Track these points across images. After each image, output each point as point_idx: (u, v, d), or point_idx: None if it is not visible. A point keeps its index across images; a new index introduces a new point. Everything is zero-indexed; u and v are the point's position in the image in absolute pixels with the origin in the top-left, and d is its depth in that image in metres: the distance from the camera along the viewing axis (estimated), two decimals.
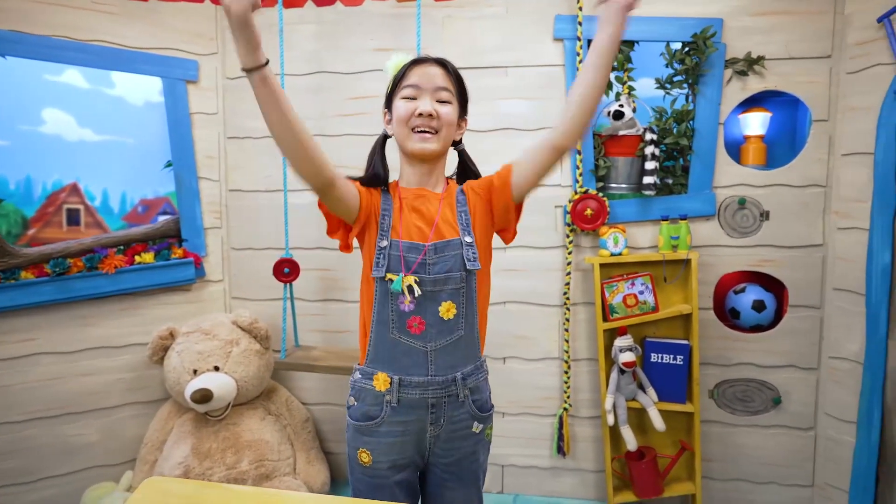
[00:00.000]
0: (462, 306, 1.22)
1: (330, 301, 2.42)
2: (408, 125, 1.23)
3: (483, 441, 1.31)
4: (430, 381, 1.21)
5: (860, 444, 2.11)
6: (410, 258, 1.20)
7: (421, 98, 1.22)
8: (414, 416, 1.22)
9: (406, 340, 1.21)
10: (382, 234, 1.23)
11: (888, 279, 2.01)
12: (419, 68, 1.23)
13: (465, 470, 1.29)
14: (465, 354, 1.24)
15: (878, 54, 1.98)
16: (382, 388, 1.22)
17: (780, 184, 2.17)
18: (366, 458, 1.24)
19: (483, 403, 1.29)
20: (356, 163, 2.28)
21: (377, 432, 1.23)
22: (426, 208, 1.25)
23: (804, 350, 2.21)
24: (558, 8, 2.19)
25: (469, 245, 1.22)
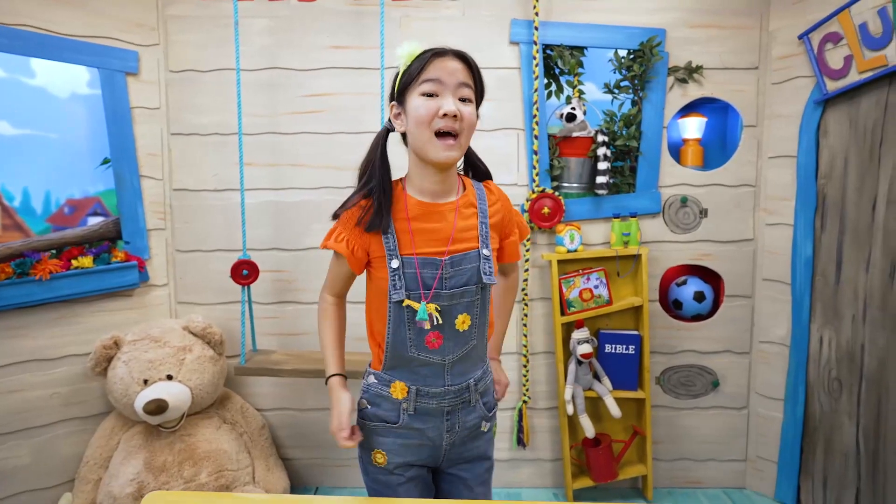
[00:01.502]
0: (476, 317, 1.21)
1: (285, 303, 2.36)
2: (430, 127, 1.11)
3: (489, 436, 1.33)
4: (447, 390, 1.21)
5: (787, 419, 2.34)
6: (427, 276, 1.15)
7: (443, 95, 1.11)
8: (430, 424, 1.22)
9: (424, 356, 1.19)
10: (391, 255, 1.15)
11: (810, 269, 2.23)
12: (439, 61, 1.10)
13: (480, 468, 1.31)
14: (475, 361, 1.25)
15: (799, 67, 2.20)
16: (400, 396, 1.21)
17: (716, 183, 2.35)
18: (381, 458, 1.23)
19: (491, 404, 1.31)
20: (312, 161, 2.27)
21: (394, 433, 1.22)
22: (441, 221, 1.17)
23: (738, 336, 2.41)
24: (514, 12, 2.25)
25: (486, 258, 1.18)
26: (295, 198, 2.31)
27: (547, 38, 2.24)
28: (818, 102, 2.15)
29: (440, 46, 1.15)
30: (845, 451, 2.17)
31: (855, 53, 2.01)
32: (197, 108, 2.28)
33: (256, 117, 2.24)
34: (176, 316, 2.36)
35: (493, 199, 1.24)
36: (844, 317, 2.14)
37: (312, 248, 2.32)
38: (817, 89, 2.14)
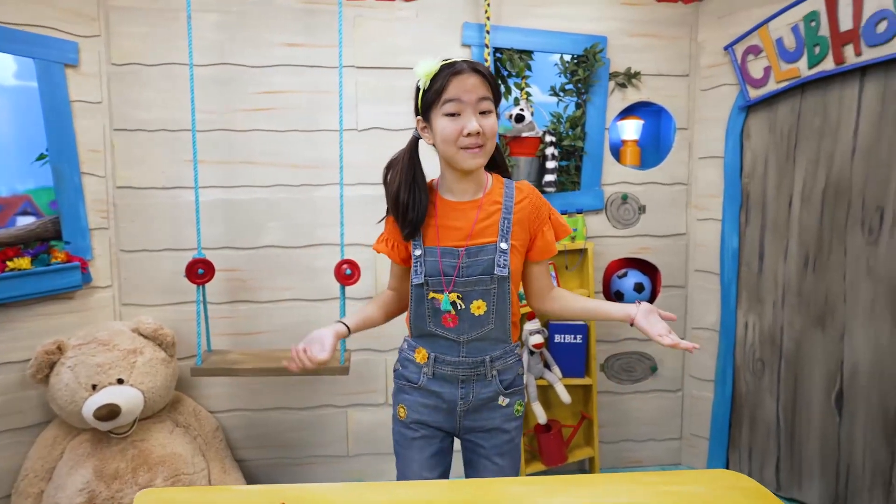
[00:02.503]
0: (493, 304, 1.30)
1: (238, 303, 2.32)
2: (456, 144, 1.23)
3: (512, 416, 1.38)
4: (461, 361, 1.33)
5: (717, 399, 2.54)
6: (448, 264, 1.28)
7: (464, 113, 1.21)
8: (446, 389, 1.35)
9: (441, 332, 1.33)
10: (416, 245, 1.32)
11: (736, 260, 2.44)
12: (458, 80, 1.20)
13: (499, 440, 1.37)
14: (494, 342, 1.34)
15: (725, 76, 2.40)
16: (422, 361, 1.37)
17: (653, 182, 2.53)
18: (402, 412, 1.40)
19: (511, 382, 1.38)
20: (266, 158, 2.26)
21: (415, 392, 1.38)
22: (464, 218, 1.30)
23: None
24: (466, 16, 2.33)
25: (503, 252, 1.27)
26: (248, 196, 2.28)
27: (497, 42, 2.33)
28: (742, 108, 2.36)
29: (454, 61, 1.23)
30: (767, 425, 2.39)
31: (773, 65, 2.23)
32: (142, 103, 2.20)
33: (207, 114, 2.19)
34: (121, 318, 2.27)
35: (520, 196, 1.34)
36: (766, 303, 2.36)
37: (268, 247, 2.30)
38: (741, 96, 2.35)
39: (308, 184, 2.31)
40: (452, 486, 1.08)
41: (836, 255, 2.14)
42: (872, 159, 2.03)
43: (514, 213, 1.31)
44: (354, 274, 2.04)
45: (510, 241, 1.29)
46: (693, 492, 1.04)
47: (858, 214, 2.07)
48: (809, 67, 2.12)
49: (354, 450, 2.43)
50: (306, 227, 2.32)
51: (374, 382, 2.41)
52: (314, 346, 1.30)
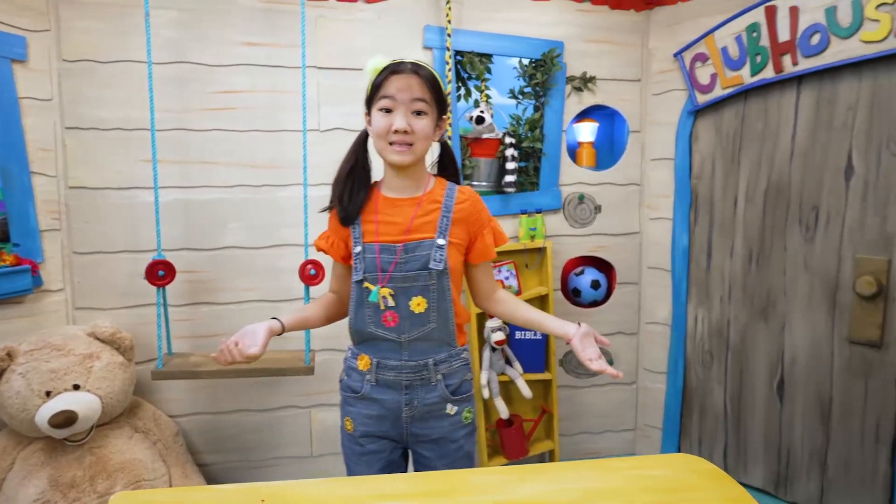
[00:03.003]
0: (433, 301, 1.30)
1: (199, 305, 2.29)
2: (385, 139, 1.27)
3: (461, 423, 1.38)
4: (404, 364, 1.32)
5: (669, 390, 2.66)
6: (385, 260, 1.29)
7: (396, 111, 1.25)
8: (389, 396, 1.34)
9: (382, 333, 1.33)
10: (356, 242, 1.33)
11: (686, 258, 2.57)
12: (396, 78, 1.25)
13: (446, 450, 1.37)
14: (437, 343, 1.34)
15: (675, 82, 2.52)
16: (364, 367, 1.36)
17: (608, 182, 2.62)
18: (349, 425, 1.39)
19: (457, 387, 1.37)
20: (225, 159, 2.24)
21: (359, 404, 1.36)
22: (402, 214, 1.32)
23: (628, 318, 2.71)
24: (427, 19, 2.36)
25: (440, 247, 1.29)
26: (207, 196, 2.25)
27: (458, 45, 2.37)
28: (690, 112, 2.48)
29: (400, 61, 1.28)
30: (716, 413, 2.52)
31: (719, 72, 2.35)
32: (95, 101, 2.14)
33: (165, 112, 2.15)
34: (74, 323, 2.20)
35: (462, 198, 1.36)
36: (714, 297, 2.49)
37: (228, 248, 2.28)
38: (690, 101, 2.47)
39: (270, 184, 2.29)
40: (427, 478, 1.12)
41: (776, 251, 2.28)
42: (808, 162, 2.18)
43: (454, 212, 1.33)
44: (319, 274, 2.05)
45: (448, 238, 1.30)
46: (656, 475, 1.11)
47: (796, 213, 2.21)
48: (752, 75, 2.25)
49: (318, 450, 2.43)
50: (269, 228, 2.30)
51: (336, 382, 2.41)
52: (245, 339, 1.28)
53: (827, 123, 2.12)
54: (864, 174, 2.04)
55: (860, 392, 2.09)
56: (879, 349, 2.03)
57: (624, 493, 1.04)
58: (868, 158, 2.03)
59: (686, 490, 1.06)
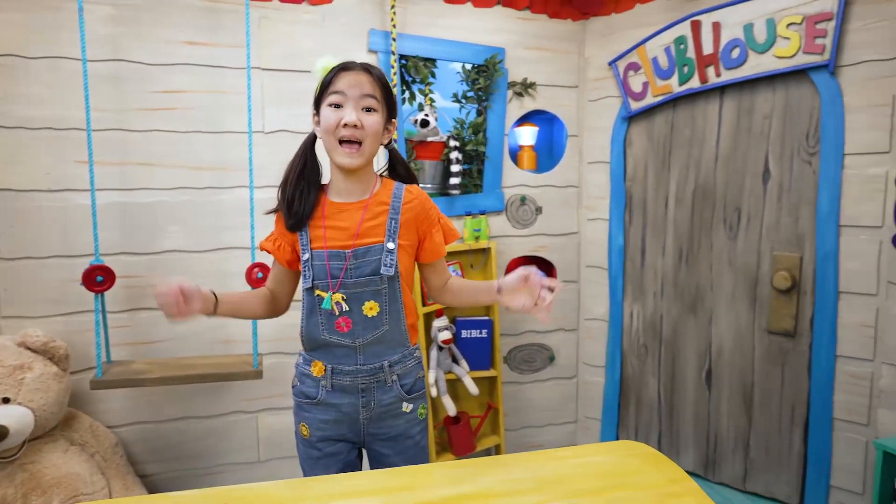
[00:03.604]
0: (385, 304, 1.32)
1: (138, 311, 2.21)
2: (334, 135, 1.26)
3: (416, 419, 1.41)
4: (359, 368, 1.32)
5: (607, 383, 2.79)
6: (335, 266, 1.28)
7: (346, 106, 1.25)
8: (346, 400, 1.34)
9: (336, 339, 1.32)
10: (304, 249, 1.32)
11: (622, 256, 2.70)
12: (346, 75, 1.25)
13: (403, 446, 1.39)
14: (391, 345, 1.35)
15: (610, 89, 2.65)
16: (318, 374, 1.35)
17: (548, 185, 2.72)
18: (305, 431, 1.38)
19: (411, 386, 1.39)
20: (166, 160, 2.19)
21: (315, 409, 1.36)
22: (349, 219, 1.31)
23: (568, 315, 2.82)
24: (372, 22, 2.38)
25: (390, 251, 1.29)
26: (146, 199, 2.19)
27: (402, 49, 2.41)
28: (624, 118, 2.62)
29: (350, 61, 1.30)
30: (650, 403, 2.67)
31: (650, 81, 2.49)
32: (22, 98, 2.04)
33: (100, 112, 2.07)
34: (1, 332, 2.09)
35: (409, 197, 1.36)
36: (648, 293, 2.63)
37: (169, 252, 2.22)
38: (623, 108, 2.60)
39: (213, 186, 2.25)
40: (388, 475, 1.15)
41: (703, 249, 2.44)
42: (731, 166, 2.34)
43: (402, 213, 1.33)
44: (266, 277, 2.03)
45: (397, 241, 1.30)
46: (601, 461, 1.19)
47: (721, 214, 2.38)
48: (680, 84, 2.40)
49: (266, 455, 2.40)
50: (212, 231, 2.26)
51: (285, 385, 2.38)
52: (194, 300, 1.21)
53: (746, 131, 2.29)
54: (779, 178, 2.22)
55: (777, 378, 2.27)
56: (793, 338, 2.22)
57: (573, 479, 1.11)
58: (782, 163, 2.21)
59: (630, 474, 1.14)
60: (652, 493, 1.06)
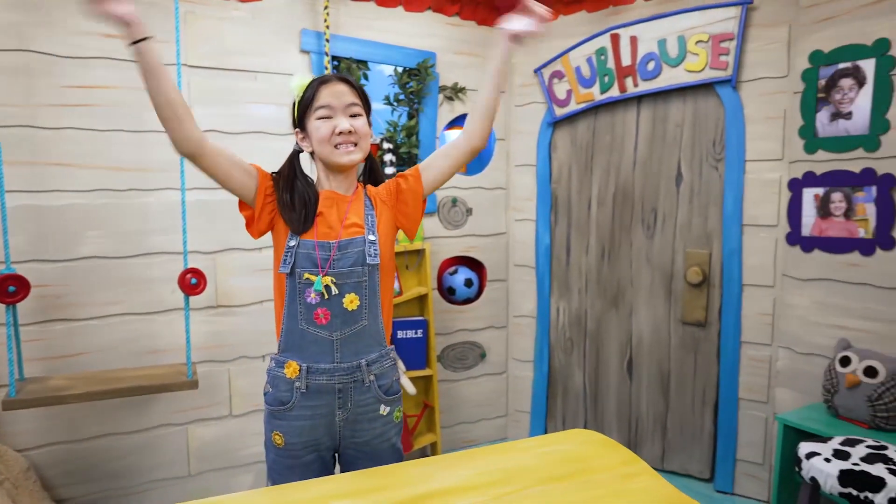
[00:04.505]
0: (365, 298, 1.32)
1: (52, 322, 2.05)
2: (330, 143, 1.31)
3: (392, 422, 1.39)
4: (337, 367, 1.30)
5: (536, 377, 2.92)
6: (322, 256, 1.29)
7: (336, 117, 1.31)
8: (322, 401, 1.31)
9: (313, 330, 1.30)
10: (292, 235, 1.31)
11: (548, 255, 2.83)
12: (327, 88, 1.31)
13: (378, 450, 1.37)
14: (369, 343, 1.34)
15: (536, 95, 2.77)
16: (292, 375, 1.30)
17: (478, 186, 2.80)
18: (279, 439, 1.32)
19: (389, 387, 1.38)
20: (83, 160, 2.07)
21: (289, 416, 1.30)
22: (337, 210, 1.34)
23: (498, 313, 2.92)
24: (304, 22, 2.34)
25: (372, 243, 1.33)
26: (61, 201, 2.03)
27: (335, 51, 2.39)
28: (549, 124, 2.75)
29: (324, 75, 1.35)
30: (577, 393, 2.83)
31: (573, 88, 2.63)
32: None
33: (5, 107, 1.91)
34: None
35: (373, 191, 1.41)
36: (573, 290, 2.78)
37: (88, 258, 2.07)
38: (549, 113, 2.73)
39: (136, 188, 2.13)
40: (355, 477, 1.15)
41: (624, 248, 2.62)
42: (647, 170, 2.53)
43: (375, 206, 1.38)
44: (200, 283, 1.96)
45: (377, 233, 1.35)
46: (561, 449, 1.26)
47: (640, 215, 2.56)
48: (601, 93, 2.56)
49: (197, 468, 2.30)
50: (135, 235, 2.14)
51: (217, 394, 2.31)
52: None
53: (661, 138, 2.48)
54: (690, 181, 2.43)
55: (690, 365, 2.49)
56: (704, 328, 2.44)
57: (538, 468, 1.18)
58: (693, 168, 2.42)
59: (587, 459, 1.22)
60: (611, 475, 1.15)
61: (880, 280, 1.95)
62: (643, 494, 1.08)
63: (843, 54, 2.01)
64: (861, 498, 1.44)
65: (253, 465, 2.40)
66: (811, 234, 2.12)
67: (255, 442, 2.39)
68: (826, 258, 2.09)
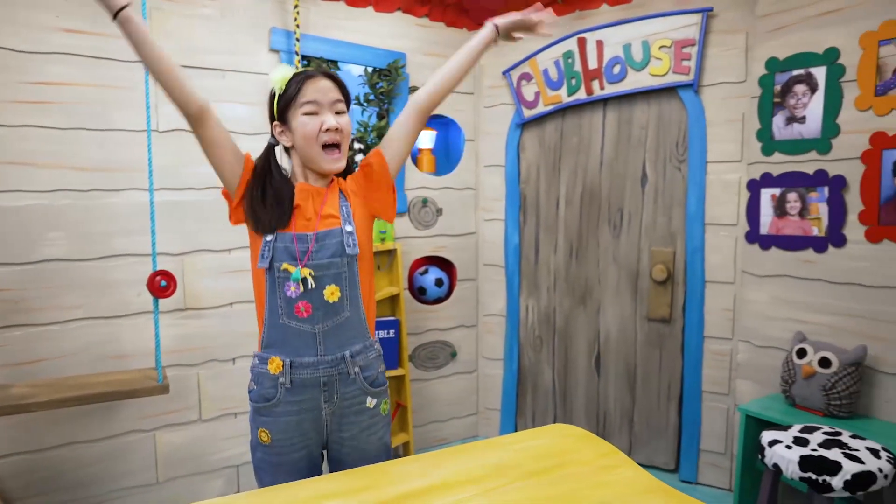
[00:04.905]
0: (345, 289, 1.32)
1: (12, 328, 1.97)
2: (318, 141, 1.30)
3: (380, 416, 1.38)
4: (321, 360, 1.29)
5: (506, 374, 2.96)
6: (301, 249, 1.29)
7: (322, 113, 1.30)
8: (307, 395, 1.30)
9: (295, 324, 1.30)
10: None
11: (517, 254, 2.88)
12: (312, 83, 1.29)
13: (366, 444, 1.36)
14: (352, 334, 1.33)
15: (504, 96, 2.81)
16: (276, 371, 1.30)
17: (448, 187, 2.83)
18: (265, 437, 1.32)
19: (374, 379, 1.37)
20: (43, 159, 2.01)
21: (274, 412, 1.30)
22: (312, 202, 1.33)
23: (468, 312, 2.95)
24: (273, 21, 2.32)
25: (350, 233, 1.32)
26: (20, 202, 1.95)
27: (305, 50, 2.37)
28: (518, 125, 2.79)
29: (309, 70, 1.33)
30: (546, 390, 2.88)
31: (541, 90, 2.68)
32: None
33: None
34: None
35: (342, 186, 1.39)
36: (542, 288, 2.83)
37: (49, 261, 2.00)
38: (517, 115, 2.78)
39: (100, 188, 2.07)
40: (349, 476, 1.16)
41: (591, 247, 2.69)
42: (613, 171, 2.60)
43: (349, 196, 1.37)
44: (170, 285, 1.92)
45: (354, 223, 1.34)
46: (542, 444, 1.29)
47: (606, 214, 2.63)
48: (568, 95, 2.62)
49: (166, 475, 2.25)
50: (99, 237, 2.07)
51: (185, 399, 2.26)
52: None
53: (626, 139, 2.56)
54: (655, 182, 2.51)
55: (656, 360, 2.57)
56: (669, 324, 2.52)
57: (521, 463, 1.21)
58: (657, 169, 2.50)
59: (568, 452, 1.26)
60: (592, 468, 1.19)
61: (832, 276, 2.06)
62: (624, 484, 1.12)
63: (797, 62, 2.12)
64: (820, 481, 1.52)
65: (223, 470, 2.36)
66: (769, 233, 2.22)
67: (226, 447, 2.35)
68: (782, 255, 2.19)
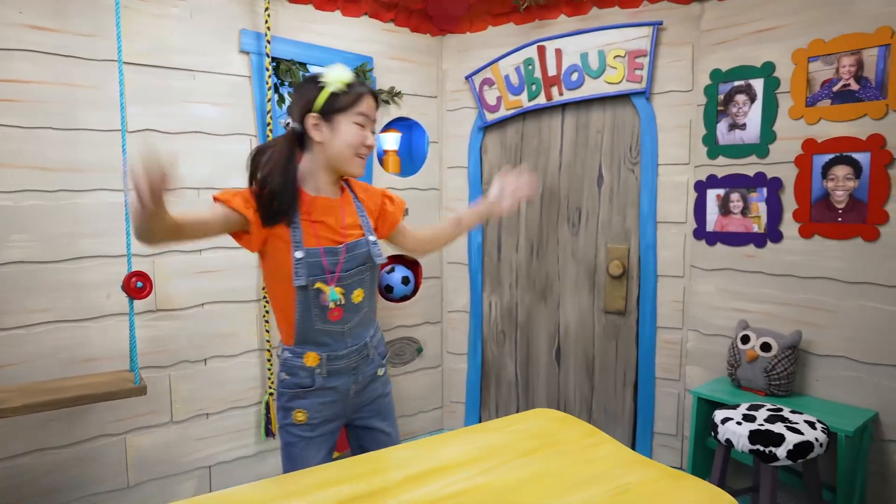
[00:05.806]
0: (368, 290, 1.47)
1: None
2: (356, 150, 1.39)
3: (386, 380, 1.59)
4: (350, 351, 1.45)
5: (470, 368, 3.06)
6: (331, 262, 1.37)
7: (367, 128, 1.41)
8: (341, 381, 1.46)
9: (328, 327, 1.41)
10: (296, 246, 1.34)
11: (481, 252, 2.99)
12: (368, 99, 1.40)
13: (381, 406, 1.57)
14: (368, 322, 1.50)
15: (467, 100, 2.91)
16: (313, 364, 1.42)
17: (413, 187, 2.90)
18: (301, 416, 1.44)
19: (382, 351, 1.56)
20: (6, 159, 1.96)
21: (312, 395, 1.44)
22: (334, 215, 1.40)
23: (433, 309, 3.03)
24: (243, 23, 2.33)
25: (374, 243, 1.46)
26: None
27: (275, 52, 2.39)
28: (480, 128, 2.90)
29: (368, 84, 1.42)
30: (509, 383, 3.00)
31: (503, 95, 2.80)
32: None
33: None
34: None
35: (358, 191, 1.52)
36: (504, 285, 2.95)
37: (12, 263, 1.95)
38: (479, 118, 2.88)
39: (66, 189, 2.03)
40: (352, 463, 1.22)
41: (551, 244, 2.82)
42: (572, 173, 2.75)
43: (365, 208, 1.50)
44: (146, 286, 1.92)
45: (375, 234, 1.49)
46: (527, 427, 1.39)
47: (565, 213, 2.78)
48: (529, 100, 2.74)
49: (137, 479, 2.22)
50: (66, 239, 2.03)
51: (157, 401, 2.24)
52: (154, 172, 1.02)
53: (584, 143, 2.71)
54: (610, 182, 2.67)
55: (612, 350, 2.73)
56: (624, 315, 2.69)
57: (512, 444, 1.30)
58: (612, 171, 2.66)
59: (553, 434, 1.36)
60: (578, 446, 1.30)
61: (771, 268, 2.27)
62: (609, 459, 1.24)
63: (738, 73, 2.31)
64: (766, 452, 1.70)
65: (195, 472, 2.35)
66: (714, 230, 2.42)
67: (198, 447, 2.35)
68: (727, 250, 2.39)
